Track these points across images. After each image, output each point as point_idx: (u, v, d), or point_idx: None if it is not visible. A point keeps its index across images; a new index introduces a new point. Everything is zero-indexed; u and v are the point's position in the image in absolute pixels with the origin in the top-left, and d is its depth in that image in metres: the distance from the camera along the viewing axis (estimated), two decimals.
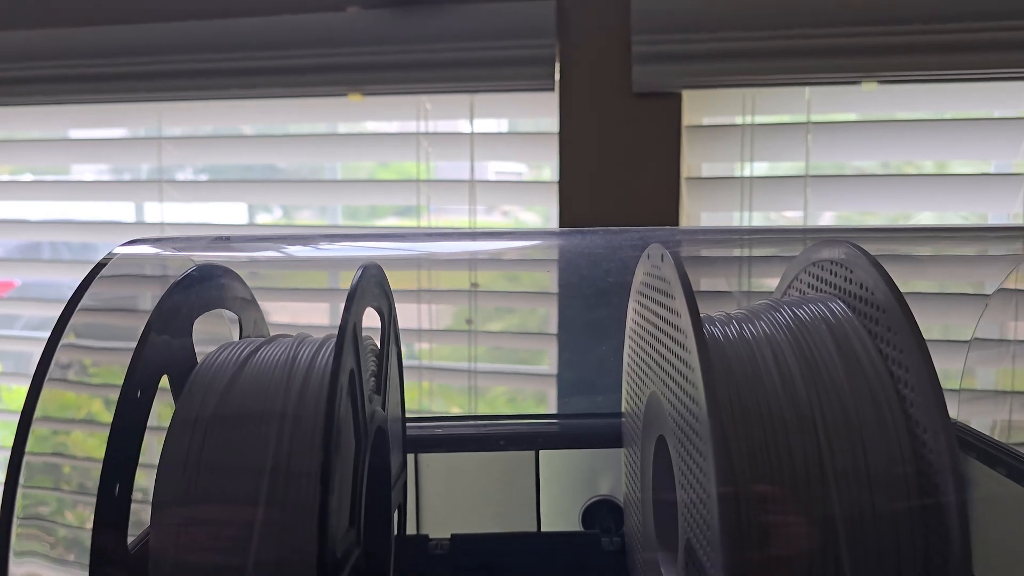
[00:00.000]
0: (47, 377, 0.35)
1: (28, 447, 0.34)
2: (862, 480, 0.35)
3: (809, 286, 0.47)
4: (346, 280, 0.39)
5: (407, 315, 0.96)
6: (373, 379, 0.45)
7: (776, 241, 0.67)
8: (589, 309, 0.78)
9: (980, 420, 0.63)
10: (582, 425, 0.58)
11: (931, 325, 0.82)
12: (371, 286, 0.42)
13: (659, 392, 0.44)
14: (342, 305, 0.37)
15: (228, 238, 0.51)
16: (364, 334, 0.41)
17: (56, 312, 0.37)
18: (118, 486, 0.35)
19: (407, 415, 0.55)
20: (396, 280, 0.47)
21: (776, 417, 0.37)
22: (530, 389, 0.99)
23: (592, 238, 0.61)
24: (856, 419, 0.36)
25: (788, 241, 0.64)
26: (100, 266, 0.39)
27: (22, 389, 0.47)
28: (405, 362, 0.53)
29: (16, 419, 0.35)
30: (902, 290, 0.38)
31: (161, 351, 0.37)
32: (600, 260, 0.61)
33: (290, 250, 0.59)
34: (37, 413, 0.34)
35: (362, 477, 0.39)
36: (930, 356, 0.35)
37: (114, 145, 1.04)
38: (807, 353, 0.39)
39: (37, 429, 0.35)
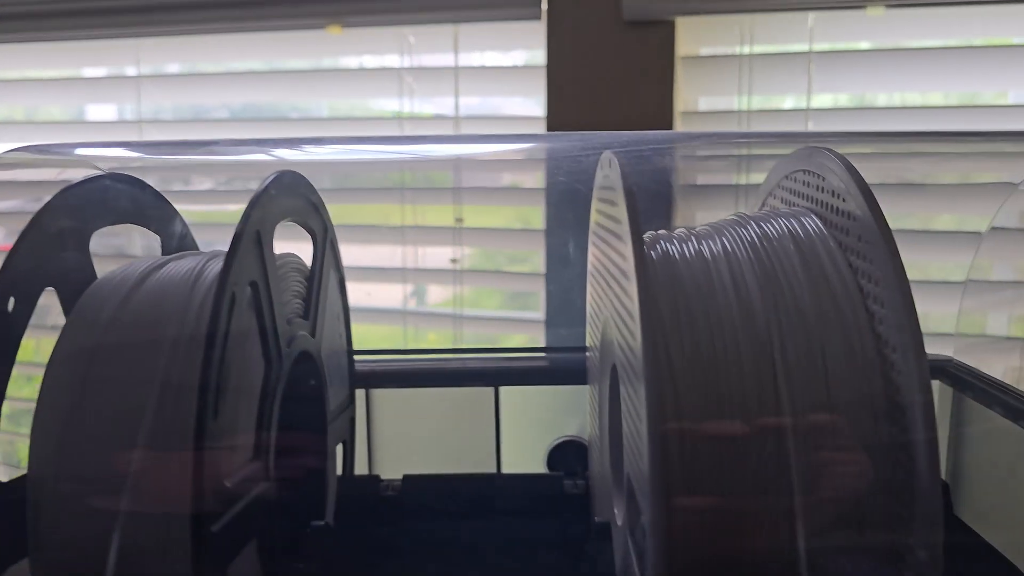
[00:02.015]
0: None
1: None
2: (823, 406, 0.31)
3: (783, 201, 0.42)
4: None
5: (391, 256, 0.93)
6: (300, 301, 0.41)
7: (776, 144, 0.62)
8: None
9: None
10: (547, 360, 0.54)
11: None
12: (287, 195, 0.38)
13: (611, 318, 0.40)
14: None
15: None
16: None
17: None
18: None
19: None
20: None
21: (729, 341, 0.33)
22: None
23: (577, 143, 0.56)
24: (820, 343, 0.32)
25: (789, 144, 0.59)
26: None
27: None
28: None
29: None
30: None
31: (44, 261, 0.34)
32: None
33: (241, 157, 0.54)
34: None
35: (272, 403, 0.35)
36: (902, 266, 0.31)
37: (89, 84, 1.01)
38: (769, 271, 0.34)
39: None
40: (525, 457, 0.56)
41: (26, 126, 1.07)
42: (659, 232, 0.39)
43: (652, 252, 0.37)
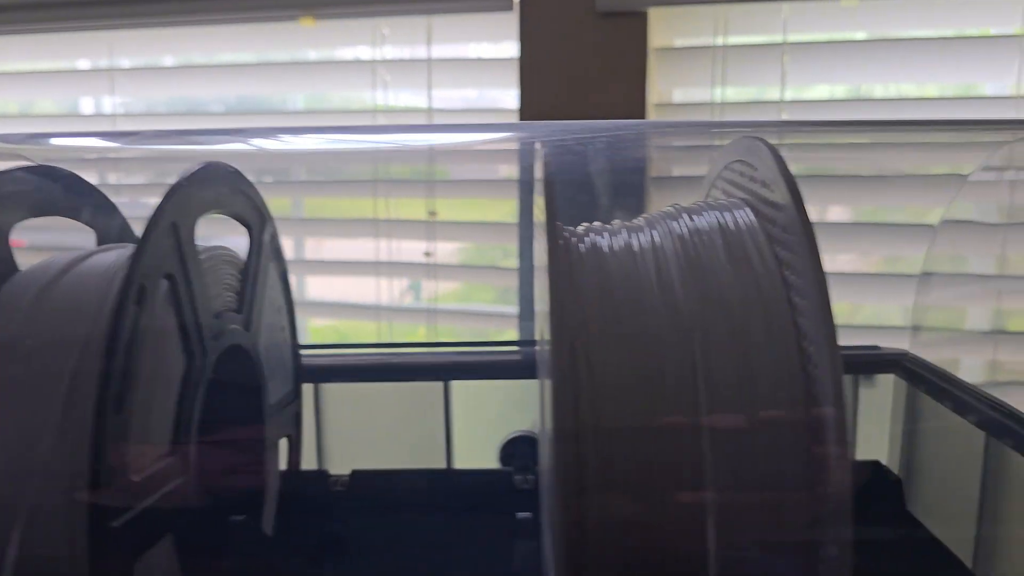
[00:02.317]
0: None
1: None
2: (742, 400, 0.31)
3: (723, 192, 0.41)
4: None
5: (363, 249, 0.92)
6: (233, 295, 0.40)
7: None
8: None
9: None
10: (498, 353, 0.54)
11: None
12: (214, 187, 0.37)
13: (546, 310, 0.39)
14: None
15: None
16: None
17: None
18: None
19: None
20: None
21: (652, 336, 0.32)
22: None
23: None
24: (742, 336, 0.32)
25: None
26: None
27: None
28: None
29: None
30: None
31: None
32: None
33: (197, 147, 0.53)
34: None
35: (193, 398, 0.34)
36: (819, 257, 0.30)
37: (58, 78, 1.00)
38: (695, 264, 0.34)
39: None
40: (479, 453, 0.55)
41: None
42: (593, 224, 0.39)
43: (580, 244, 0.36)
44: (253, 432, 0.41)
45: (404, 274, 0.94)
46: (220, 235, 0.42)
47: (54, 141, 0.55)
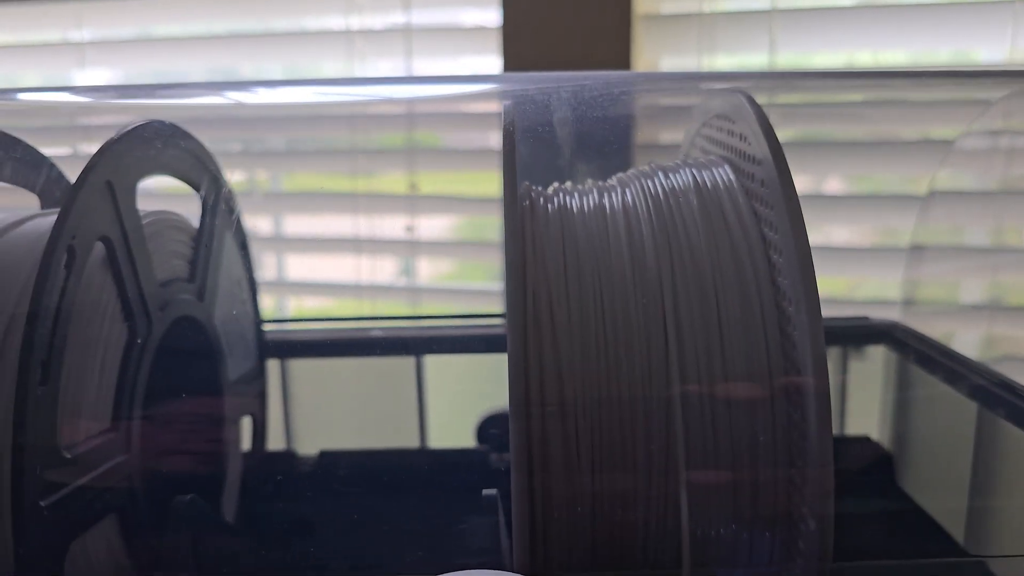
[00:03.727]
0: None
1: None
2: (715, 369, 0.29)
3: (702, 149, 0.39)
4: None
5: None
6: (185, 263, 0.38)
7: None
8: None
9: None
10: (474, 327, 0.52)
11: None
12: (156, 146, 0.35)
13: None
14: None
15: None
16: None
17: None
18: None
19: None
20: None
21: (619, 300, 0.30)
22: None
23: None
24: (715, 297, 0.29)
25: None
26: None
27: None
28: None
29: None
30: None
31: None
32: None
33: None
34: None
35: (136, 371, 0.32)
36: (799, 211, 0.28)
37: (28, 51, 0.97)
38: (668, 224, 0.32)
39: None
40: (456, 431, 0.53)
41: None
42: (563, 185, 0.37)
43: (549, 206, 0.34)
44: (205, 407, 0.39)
45: (387, 251, 0.92)
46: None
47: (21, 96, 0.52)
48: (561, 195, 0.35)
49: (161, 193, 0.41)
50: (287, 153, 0.92)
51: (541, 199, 0.34)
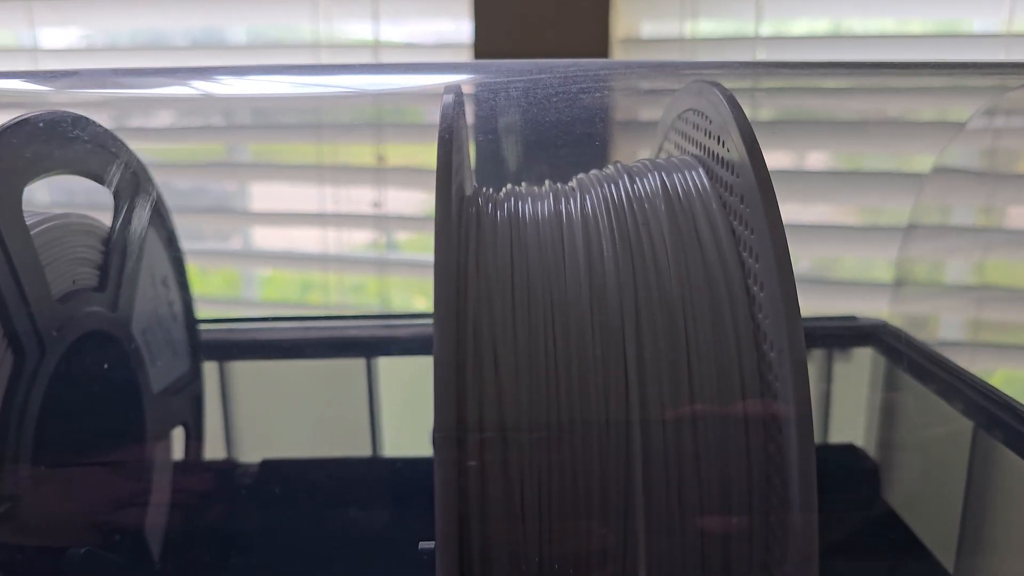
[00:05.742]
0: None
1: None
2: (682, 420, 0.25)
3: (676, 146, 0.35)
4: None
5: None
6: (94, 271, 0.34)
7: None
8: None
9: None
10: (429, 325, 0.48)
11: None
12: (49, 142, 0.31)
13: None
14: None
15: None
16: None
17: None
18: None
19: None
20: None
21: (574, 322, 0.26)
22: None
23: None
24: (684, 335, 0.26)
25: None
26: None
27: None
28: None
29: None
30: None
31: None
32: None
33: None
34: None
35: (25, 399, 0.28)
36: (784, 240, 0.24)
37: None
38: (633, 241, 0.28)
39: None
40: (411, 438, 0.50)
41: None
42: (517, 188, 0.32)
43: (499, 211, 0.30)
44: (115, 431, 0.35)
45: (354, 224, 0.87)
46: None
47: None
48: (513, 200, 0.31)
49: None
50: (253, 127, 0.87)
51: (490, 205, 0.30)
